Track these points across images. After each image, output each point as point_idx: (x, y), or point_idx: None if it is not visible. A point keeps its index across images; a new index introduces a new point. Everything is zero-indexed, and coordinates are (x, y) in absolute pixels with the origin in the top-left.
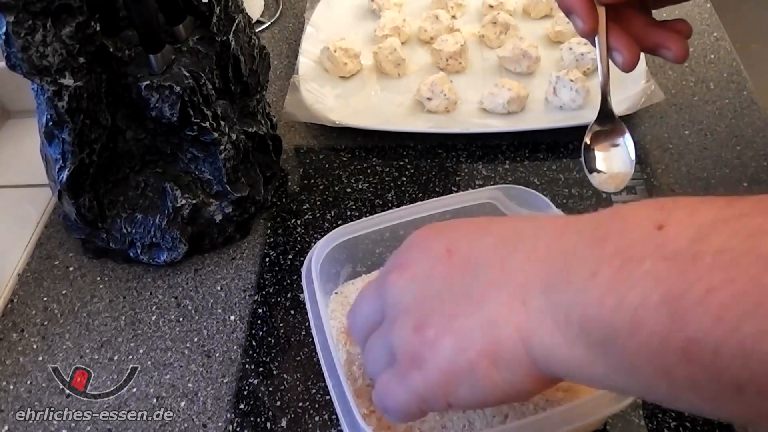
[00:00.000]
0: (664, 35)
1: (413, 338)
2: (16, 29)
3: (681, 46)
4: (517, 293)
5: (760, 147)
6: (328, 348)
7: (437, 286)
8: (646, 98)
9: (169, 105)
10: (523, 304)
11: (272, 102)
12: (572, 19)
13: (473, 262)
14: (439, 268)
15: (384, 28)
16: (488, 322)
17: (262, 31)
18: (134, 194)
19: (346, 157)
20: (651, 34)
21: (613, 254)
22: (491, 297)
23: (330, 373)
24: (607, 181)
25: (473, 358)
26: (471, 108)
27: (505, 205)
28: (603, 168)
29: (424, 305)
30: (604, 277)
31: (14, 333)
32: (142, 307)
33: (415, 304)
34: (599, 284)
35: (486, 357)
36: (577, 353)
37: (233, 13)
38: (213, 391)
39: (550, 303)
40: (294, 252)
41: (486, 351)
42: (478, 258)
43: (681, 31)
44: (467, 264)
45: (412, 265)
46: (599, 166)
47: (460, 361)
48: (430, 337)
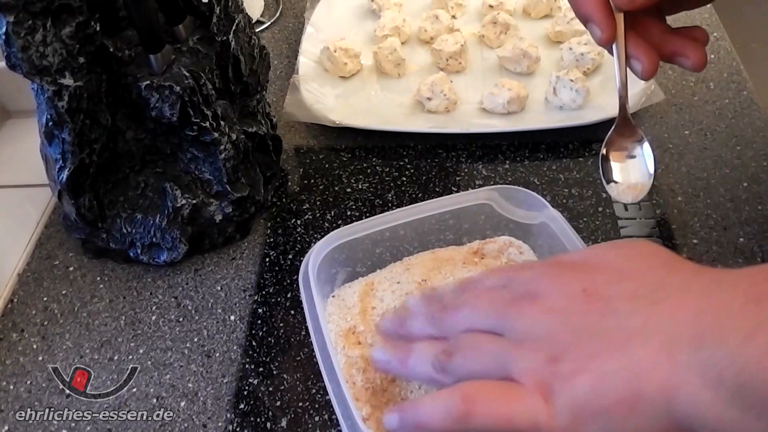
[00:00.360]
0: (682, 43)
1: (545, 368)
2: (16, 29)
3: (699, 54)
4: (664, 346)
5: (760, 147)
6: (327, 352)
7: (574, 324)
8: (646, 98)
9: (169, 105)
10: (670, 358)
11: (272, 102)
12: (590, 27)
13: (612, 306)
14: (575, 305)
15: (384, 28)
16: (630, 370)
17: (262, 31)
18: (134, 194)
19: (346, 157)
20: (668, 41)
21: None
22: (634, 345)
23: (329, 377)
24: (625, 192)
25: (610, 403)
26: (471, 108)
27: (501, 205)
28: (620, 179)
29: (558, 339)
30: (764, 338)
31: (14, 333)
32: (142, 307)
33: (549, 335)
34: (759, 345)
35: (623, 405)
36: (730, 414)
37: (233, 13)
38: (213, 391)
39: (700, 360)
40: (294, 252)
41: (624, 399)
42: (618, 303)
43: (698, 38)
44: (606, 306)
45: (544, 298)
46: (616, 177)
47: (595, 403)
48: (564, 372)
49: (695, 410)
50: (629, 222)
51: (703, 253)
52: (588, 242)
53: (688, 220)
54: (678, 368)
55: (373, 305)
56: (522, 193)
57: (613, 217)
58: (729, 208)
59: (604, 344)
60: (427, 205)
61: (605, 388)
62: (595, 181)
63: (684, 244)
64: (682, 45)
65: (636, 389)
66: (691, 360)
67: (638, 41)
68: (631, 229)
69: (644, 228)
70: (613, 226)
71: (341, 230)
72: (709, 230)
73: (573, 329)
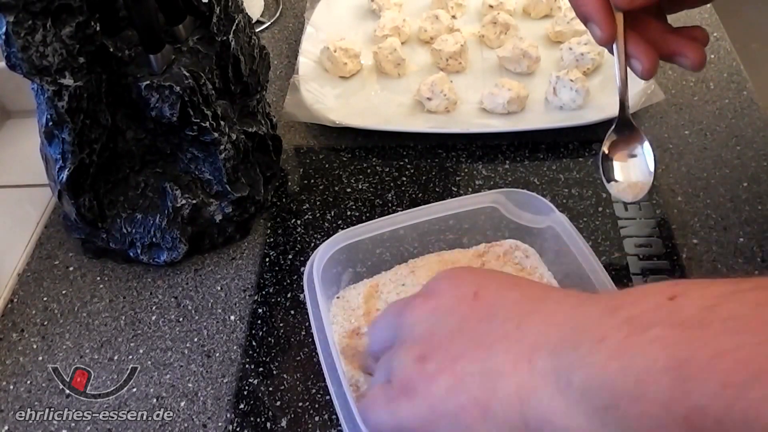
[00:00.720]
0: (681, 42)
1: (412, 367)
2: (16, 29)
3: (698, 53)
4: (526, 352)
5: (760, 147)
6: (331, 355)
7: (452, 325)
8: (646, 98)
9: (169, 105)
10: (529, 363)
11: (272, 102)
12: (590, 27)
13: (493, 311)
14: (460, 308)
15: (384, 28)
16: (490, 372)
17: (262, 31)
18: (134, 194)
19: (346, 157)
20: (668, 41)
21: (623, 322)
22: (500, 349)
23: (332, 380)
24: (625, 190)
25: (464, 403)
26: (471, 108)
27: (508, 209)
28: (621, 178)
29: (433, 338)
30: (611, 342)
31: (14, 333)
32: (142, 307)
33: (426, 335)
34: (605, 349)
35: (477, 406)
36: (576, 420)
37: (233, 13)
38: (213, 391)
39: (555, 367)
40: (294, 252)
41: (479, 400)
42: (499, 309)
43: (698, 38)
44: (488, 311)
45: (436, 297)
46: (617, 176)
47: (450, 403)
48: (429, 371)
49: (546, 416)
50: (629, 222)
51: (703, 253)
52: (590, 243)
53: (688, 220)
54: (535, 374)
55: (377, 307)
56: (528, 196)
57: (613, 217)
58: (729, 208)
59: (471, 346)
60: (432, 207)
61: (462, 388)
62: (595, 181)
63: (684, 244)
64: (681, 44)
65: (492, 391)
66: (546, 366)
67: (638, 41)
68: (631, 229)
69: (644, 228)
70: (613, 226)
71: (346, 232)
72: (709, 230)
73: (450, 330)
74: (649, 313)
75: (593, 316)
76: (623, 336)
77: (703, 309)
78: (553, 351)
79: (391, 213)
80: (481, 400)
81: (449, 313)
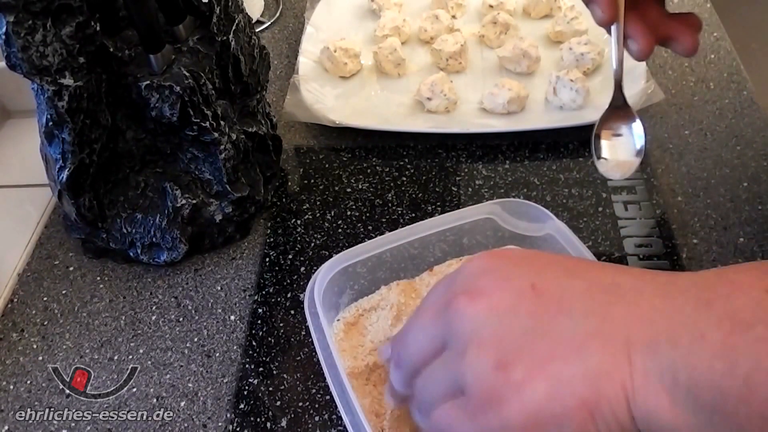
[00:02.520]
0: (677, 27)
1: (494, 376)
2: (16, 29)
3: (693, 39)
4: (622, 348)
5: (760, 147)
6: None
7: (523, 323)
8: (646, 98)
9: (169, 105)
10: (628, 360)
11: (272, 102)
12: (591, 7)
13: (566, 306)
14: (523, 304)
15: (384, 28)
16: (591, 373)
17: (262, 31)
18: (134, 194)
19: (346, 157)
20: (664, 25)
21: (722, 317)
22: (593, 347)
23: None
24: (613, 168)
25: (572, 406)
26: (471, 108)
27: (504, 219)
28: (608, 156)
29: (507, 341)
30: (713, 340)
31: (14, 333)
32: (142, 307)
33: (496, 338)
34: (708, 347)
35: (585, 408)
36: (683, 417)
37: (233, 13)
38: (213, 391)
39: (657, 363)
40: (294, 252)
41: (587, 401)
42: (570, 302)
43: (692, 24)
44: (559, 305)
45: (488, 294)
46: (604, 154)
47: (555, 409)
48: (517, 378)
49: (653, 412)
50: (629, 222)
51: (703, 253)
52: (589, 243)
53: (688, 220)
54: (637, 371)
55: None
56: (525, 205)
57: (613, 217)
58: (729, 208)
59: (559, 346)
60: (428, 222)
61: (565, 392)
62: (595, 181)
63: (684, 244)
64: (677, 29)
65: (599, 392)
66: (647, 363)
67: (636, 22)
68: (631, 228)
69: (644, 228)
70: (613, 226)
71: (344, 254)
72: (709, 230)
73: (523, 330)
74: (747, 308)
75: (686, 309)
76: (725, 334)
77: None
78: (650, 347)
79: (391, 213)
80: (589, 401)
81: (511, 311)
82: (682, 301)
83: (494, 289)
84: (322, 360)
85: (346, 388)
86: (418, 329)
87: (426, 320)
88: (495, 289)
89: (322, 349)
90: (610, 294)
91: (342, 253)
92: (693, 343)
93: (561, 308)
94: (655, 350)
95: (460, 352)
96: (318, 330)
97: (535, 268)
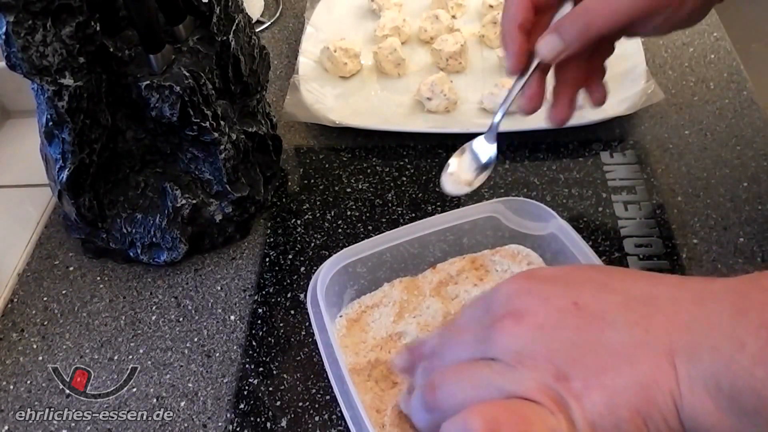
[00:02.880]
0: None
1: (557, 385)
2: (16, 29)
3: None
4: (666, 357)
5: (760, 147)
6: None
7: (570, 337)
8: (646, 98)
9: (169, 105)
10: (674, 369)
11: (272, 102)
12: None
13: (609, 320)
14: (569, 320)
15: (384, 28)
16: (641, 382)
17: (262, 31)
18: (134, 194)
19: (346, 157)
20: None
21: (759, 326)
22: (640, 357)
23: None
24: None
25: (627, 416)
26: (471, 108)
27: (507, 217)
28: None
29: (560, 355)
30: (752, 349)
31: (14, 333)
32: (142, 307)
33: (549, 353)
34: (748, 356)
35: (639, 416)
36: (728, 421)
37: (233, 13)
38: (213, 391)
39: (700, 371)
40: (294, 252)
41: (640, 411)
42: (612, 316)
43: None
44: (603, 319)
45: (533, 314)
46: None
47: (613, 418)
48: (577, 389)
49: (699, 418)
50: (629, 222)
51: (703, 253)
52: (589, 243)
53: (688, 220)
54: (682, 379)
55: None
56: (528, 204)
57: (613, 217)
58: (729, 208)
59: (609, 358)
60: (432, 220)
61: (621, 402)
62: (595, 181)
63: (684, 244)
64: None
65: (650, 400)
66: (690, 371)
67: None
68: (631, 229)
69: (644, 228)
70: (613, 226)
71: (348, 250)
72: (709, 230)
73: (573, 344)
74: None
75: (723, 318)
76: (763, 342)
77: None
78: (692, 355)
79: (391, 213)
80: (642, 410)
81: (559, 327)
82: (718, 309)
83: (538, 308)
84: (324, 356)
85: (347, 384)
86: (458, 345)
87: (468, 337)
88: (539, 309)
89: (324, 345)
90: (648, 306)
91: (346, 249)
92: (734, 352)
93: (605, 322)
94: (698, 358)
95: (511, 364)
96: (320, 326)
97: (572, 285)
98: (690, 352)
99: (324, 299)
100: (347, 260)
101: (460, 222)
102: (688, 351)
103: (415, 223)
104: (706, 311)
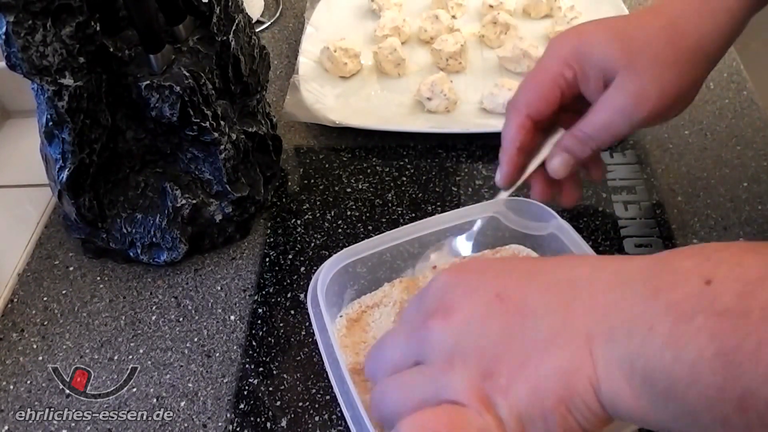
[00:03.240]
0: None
1: (483, 383)
2: (16, 29)
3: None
4: (583, 343)
5: (760, 147)
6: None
7: (496, 332)
8: None
9: (169, 105)
10: (590, 354)
11: (272, 102)
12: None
13: (530, 309)
14: (492, 313)
15: (384, 28)
16: (561, 370)
17: (262, 31)
18: (134, 194)
19: (346, 157)
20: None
21: (667, 308)
22: (560, 344)
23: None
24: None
25: (551, 405)
26: (471, 108)
27: (508, 217)
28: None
29: (486, 351)
30: (661, 331)
31: (14, 333)
32: (142, 307)
33: (477, 349)
34: (657, 338)
35: (562, 404)
36: (643, 402)
37: (233, 13)
38: (213, 391)
39: (616, 355)
40: (294, 252)
41: (563, 398)
42: (534, 304)
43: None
44: (524, 310)
45: (459, 309)
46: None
47: (538, 408)
48: (502, 384)
49: (618, 400)
50: (629, 222)
51: None
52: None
53: (688, 220)
54: (599, 363)
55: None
56: (529, 204)
57: (613, 217)
58: (729, 208)
59: (532, 348)
60: (432, 220)
61: (544, 391)
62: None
63: (684, 244)
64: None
65: (570, 387)
66: (608, 355)
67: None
68: (631, 229)
69: (644, 228)
70: (613, 226)
71: (346, 251)
72: (709, 230)
73: (499, 337)
74: (690, 299)
75: (636, 300)
76: (671, 324)
77: (741, 296)
78: (608, 339)
79: (391, 213)
80: (564, 398)
81: (483, 322)
82: (631, 291)
83: (463, 303)
84: (324, 356)
85: (347, 384)
86: (390, 347)
87: (400, 338)
88: (464, 303)
89: (324, 345)
90: (568, 290)
91: (346, 249)
92: (645, 335)
93: (526, 312)
94: (613, 342)
95: (443, 364)
96: (320, 326)
97: (499, 276)
98: (606, 336)
99: (324, 299)
100: (347, 260)
101: (462, 221)
102: (604, 335)
103: (415, 223)
104: (621, 294)
